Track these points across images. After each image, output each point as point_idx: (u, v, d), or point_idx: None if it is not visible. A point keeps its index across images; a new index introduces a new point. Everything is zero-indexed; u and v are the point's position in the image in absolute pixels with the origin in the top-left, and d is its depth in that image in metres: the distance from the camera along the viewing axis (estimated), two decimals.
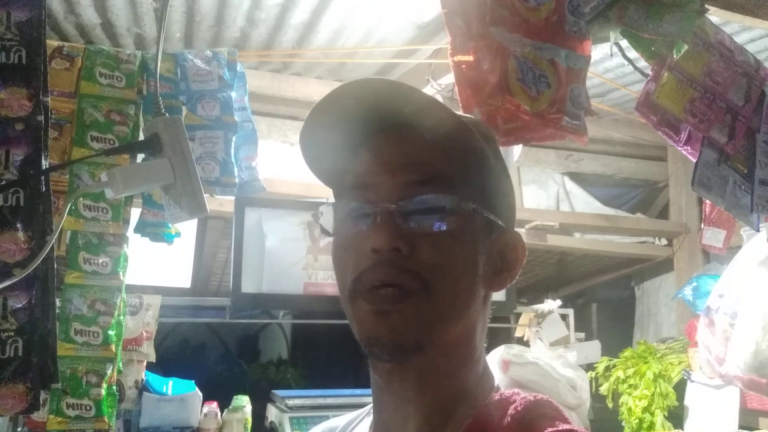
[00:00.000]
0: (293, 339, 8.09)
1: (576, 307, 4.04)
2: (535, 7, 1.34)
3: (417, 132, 0.69)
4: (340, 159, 0.74)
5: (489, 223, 0.71)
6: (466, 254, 0.69)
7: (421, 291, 0.66)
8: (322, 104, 0.71)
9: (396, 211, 0.67)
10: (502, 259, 0.73)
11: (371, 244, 0.66)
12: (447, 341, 0.69)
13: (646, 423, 2.92)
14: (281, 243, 2.75)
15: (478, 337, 0.73)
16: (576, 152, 4.08)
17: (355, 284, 0.68)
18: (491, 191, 0.72)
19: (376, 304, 0.66)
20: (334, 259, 0.72)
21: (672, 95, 1.65)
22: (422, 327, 0.67)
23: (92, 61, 2.08)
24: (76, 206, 1.98)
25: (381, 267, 0.66)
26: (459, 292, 0.69)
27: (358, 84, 0.69)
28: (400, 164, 0.69)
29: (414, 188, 0.68)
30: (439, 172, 0.68)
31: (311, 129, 0.72)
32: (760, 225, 1.87)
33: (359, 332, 0.68)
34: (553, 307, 3.31)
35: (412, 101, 0.69)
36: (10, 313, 1.24)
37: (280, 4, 2.61)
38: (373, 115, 0.70)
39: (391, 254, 0.66)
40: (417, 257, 0.66)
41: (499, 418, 0.68)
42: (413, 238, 0.66)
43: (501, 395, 0.72)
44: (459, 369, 0.71)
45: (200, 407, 2.52)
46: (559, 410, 0.70)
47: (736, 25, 2.45)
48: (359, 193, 0.70)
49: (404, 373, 0.69)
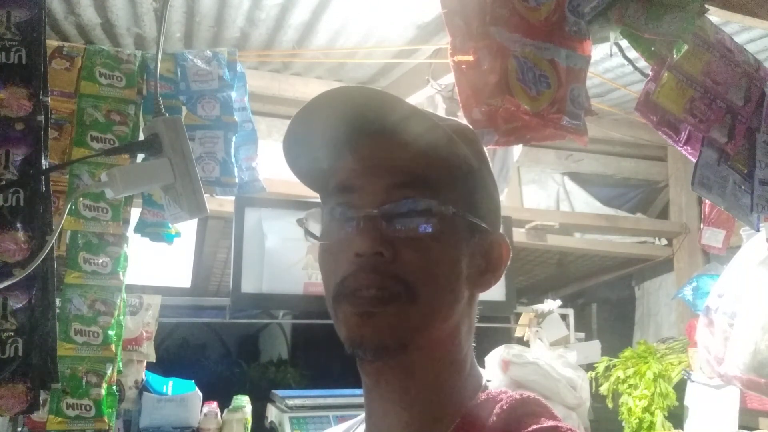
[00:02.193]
0: (293, 339, 8.10)
1: (576, 307, 4.04)
2: (535, 7, 1.34)
3: (400, 138, 0.70)
4: (323, 163, 0.74)
5: (471, 226, 0.72)
6: (449, 257, 0.70)
7: (405, 295, 0.67)
8: (304, 111, 0.71)
9: (379, 216, 0.68)
10: (486, 260, 0.74)
11: (354, 249, 0.67)
12: (431, 341, 0.70)
13: (646, 423, 2.92)
14: (281, 243, 2.75)
15: (463, 337, 0.74)
16: (576, 152, 4.09)
17: (339, 288, 0.69)
18: (474, 194, 0.73)
19: (360, 306, 0.67)
20: (321, 263, 0.73)
21: (672, 95, 1.65)
22: (406, 328, 0.67)
23: (92, 61, 2.08)
24: (76, 206, 1.98)
25: (364, 272, 0.67)
26: (443, 295, 0.69)
27: (342, 91, 0.70)
28: (382, 168, 0.69)
29: (396, 191, 0.68)
30: (422, 176, 0.69)
31: (294, 134, 0.73)
32: (760, 225, 1.87)
33: (343, 334, 0.69)
34: (553, 307, 3.31)
35: (396, 110, 0.70)
36: (10, 313, 1.24)
37: (280, 4, 2.61)
38: (357, 122, 0.71)
39: (374, 258, 0.66)
40: (400, 261, 0.67)
41: (485, 418, 0.68)
42: (396, 242, 0.67)
43: (488, 394, 0.72)
44: (444, 369, 0.72)
45: (200, 407, 2.52)
46: (547, 407, 0.70)
47: (736, 25, 2.45)
48: (343, 197, 0.71)
49: (389, 373, 0.70)
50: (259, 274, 2.69)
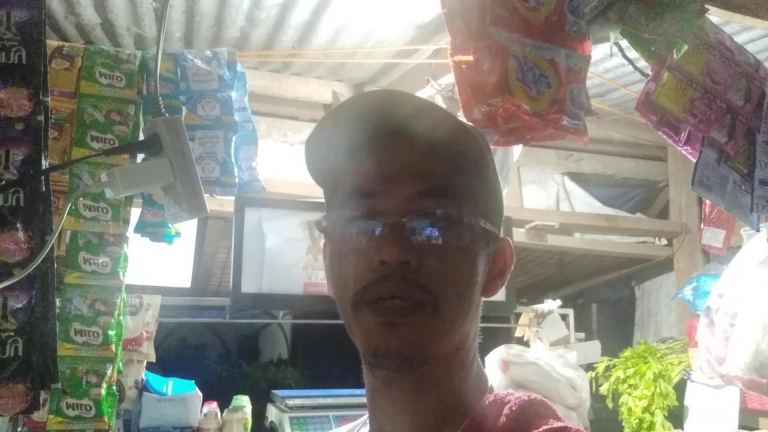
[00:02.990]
0: (293, 339, 8.09)
1: (576, 307, 4.04)
2: (535, 7, 1.34)
3: (421, 141, 0.70)
4: (342, 161, 0.74)
5: (487, 234, 0.73)
6: (469, 267, 0.70)
7: (429, 304, 0.67)
8: (333, 111, 0.73)
9: (405, 224, 0.67)
10: (495, 266, 0.75)
11: (380, 256, 0.66)
12: (447, 350, 0.71)
13: (646, 423, 2.92)
14: (281, 243, 2.75)
15: (471, 342, 0.75)
16: (576, 152, 4.09)
17: (360, 295, 0.68)
18: (487, 201, 0.74)
19: (385, 315, 0.67)
20: (332, 265, 0.73)
21: (672, 95, 1.65)
22: (430, 339, 0.68)
23: (92, 61, 2.08)
24: (76, 206, 1.98)
25: (389, 280, 0.66)
26: (462, 305, 0.70)
27: (367, 94, 0.72)
28: (405, 173, 0.69)
29: (421, 200, 0.68)
30: (444, 184, 0.70)
31: (319, 132, 0.74)
32: (760, 225, 1.87)
33: (365, 343, 0.69)
34: (553, 307, 3.31)
35: (416, 110, 0.70)
36: (10, 313, 1.24)
37: (280, 4, 2.61)
38: (378, 123, 0.71)
39: (400, 267, 0.66)
40: (425, 270, 0.67)
41: (494, 419, 0.69)
42: (421, 251, 0.67)
43: (495, 396, 0.73)
44: (455, 374, 0.72)
45: (200, 407, 2.52)
46: (553, 409, 0.71)
47: (736, 25, 2.45)
48: (363, 201, 0.70)
49: (404, 381, 0.70)
50: (259, 274, 2.69)
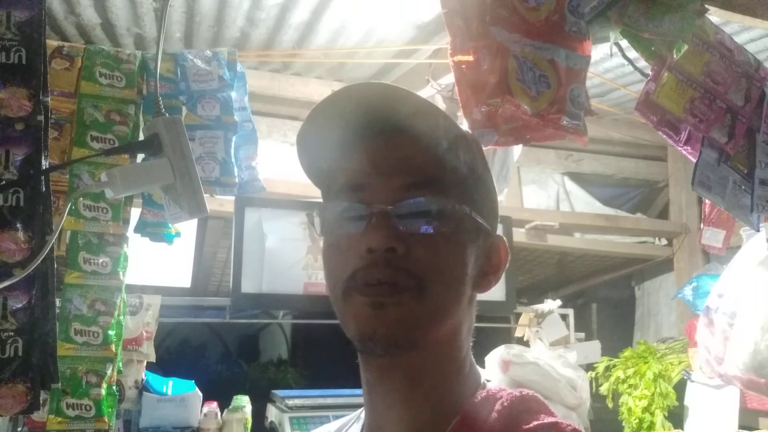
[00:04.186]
0: (293, 339, 8.10)
1: (576, 307, 4.04)
2: (535, 7, 1.34)
3: (411, 135, 0.71)
4: (334, 158, 0.75)
5: (477, 227, 0.74)
6: (457, 256, 0.71)
7: (415, 289, 0.68)
8: (322, 105, 0.72)
9: (392, 212, 0.68)
10: (488, 261, 0.76)
11: (367, 244, 0.67)
12: (436, 339, 0.71)
13: (646, 423, 2.92)
14: (281, 243, 2.74)
15: (463, 336, 0.75)
16: (576, 152, 4.09)
17: (349, 282, 0.69)
18: (479, 196, 0.75)
19: (371, 296, 0.67)
20: (326, 259, 0.74)
21: (672, 95, 1.65)
22: (415, 324, 0.68)
23: (92, 61, 2.08)
24: (76, 206, 1.97)
25: (376, 266, 0.67)
26: (450, 293, 0.71)
27: (356, 87, 0.71)
28: (394, 167, 0.70)
29: (408, 191, 0.69)
30: (433, 177, 0.70)
31: (309, 128, 0.74)
32: (760, 225, 1.87)
33: (354, 327, 0.69)
34: (553, 307, 3.30)
35: (407, 104, 0.71)
36: (10, 313, 1.24)
37: (280, 4, 2.61)
38: (369, 117, 0.72)
39: (387, 254, 0.67)
40: (411, 257, 0.68)
41: (486, 414, 0.69)
42: (408, 238, 0.68)
43: (488, 392, 0.74)
44: (446, 366, 0.73)
45: (200, 407, 2.52)
46: (545, 405, 0.72)
47: (736, 25, 2.45)
48: (352, 194, 0.71)
49: (395, 369, 0.71)
50: (259, 274, 2.69)
